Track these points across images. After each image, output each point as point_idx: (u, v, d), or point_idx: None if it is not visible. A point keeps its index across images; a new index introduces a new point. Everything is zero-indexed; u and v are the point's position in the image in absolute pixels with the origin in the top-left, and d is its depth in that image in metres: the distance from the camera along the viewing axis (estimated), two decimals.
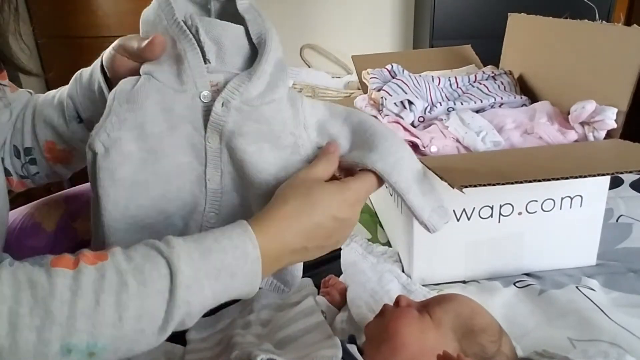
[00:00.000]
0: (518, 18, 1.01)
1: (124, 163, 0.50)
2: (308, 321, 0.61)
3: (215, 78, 0.50)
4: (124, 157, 0.50)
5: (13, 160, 0.64)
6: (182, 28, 0.48)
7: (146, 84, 0.49)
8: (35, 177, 0.66)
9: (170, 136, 0.51)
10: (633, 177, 1.04)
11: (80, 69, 0.62)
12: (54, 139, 0.63)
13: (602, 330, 0.61)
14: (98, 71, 0.57)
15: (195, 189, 0.54)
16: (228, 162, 0.53)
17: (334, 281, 0.72)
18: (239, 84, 0.49)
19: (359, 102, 0.94)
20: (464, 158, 0.71)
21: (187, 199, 0.54)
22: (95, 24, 1.88)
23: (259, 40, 0.50)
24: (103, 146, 0.49)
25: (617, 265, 0.78)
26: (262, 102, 0.50)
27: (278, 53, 0.51)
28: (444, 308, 0.55)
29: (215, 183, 0.54)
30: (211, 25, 0.49)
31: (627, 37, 0.71)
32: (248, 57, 0.51)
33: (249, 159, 0.51)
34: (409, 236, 0.74)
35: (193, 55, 0.48)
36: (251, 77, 0.49)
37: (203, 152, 0.52)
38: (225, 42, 0.49)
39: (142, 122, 0.49)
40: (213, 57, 0.49)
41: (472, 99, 0.88)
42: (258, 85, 0.50)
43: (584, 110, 0.72)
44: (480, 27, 1.99)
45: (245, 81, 0.49)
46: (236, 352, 0.52)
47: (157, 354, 0.59)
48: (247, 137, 0.51)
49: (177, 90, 0.49)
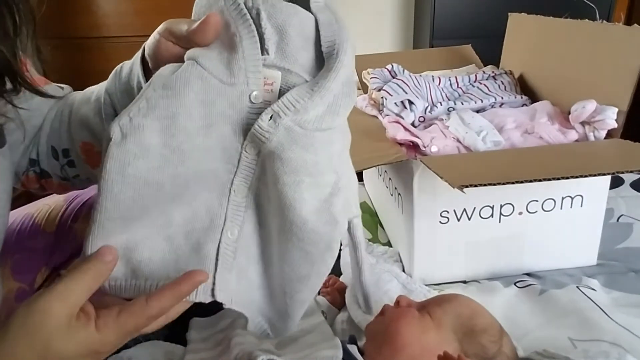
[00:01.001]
0: (518, 18, 1.01)
1: (140, 157, 0.41)
2: (308, 321, 0.61)
3: (271, 75, 0.42)
4: (142, 149, 0.41)
5: (51, 162, 0.60)
6: (241, 9, 0.41)
7: (189, 69, 0.41)
8: (76, 180, 0.62)
9: (205, 135, 0.43)
10: (633, 176, 1.03)
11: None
12: (90, 140, 0.57)
13: (603, 330, 0.61)
14: (138, 63, 0.50)
15: (214, 200, 0.45)
16: (260, 177, 0.46)
17: (335, 281, 0.72)
18: (297, 98, 0.42)
19: (359, 102, 0.94)
20: (464, 158, 0.71)
21: (200, 212, 0.45)
22: (96, 25, 1.88)
23: (330, 50, 0.42)
24: (121, 131, 0.41)
25: (617, 265, 0.78)
26: (318, 127, 0.42)
27: (348, 71, 0.42)
28: (444, 308, 0.55)
29: (241, 196, 0.46)
30: (276, 9, 0.41)
31: (627, 37, 0.71)
32: (314, 58, 0.43)
33: (281, 189, 0.43)
34: (409, 236, 0.74)
35: (250, 43, 0.41)
36: (313, 94, 0.41)
37: (236, 159, 0.45)
38: (290, 32, 0.41)
39: (174, 113, 0.41)
40: (273, 47, 0.41)
41: (473, 98, 0.88)
42: (319, 106, 0.42)
43: (585, 110, 0.72)
44: (480, 27, 1.99)
45: (305, 97, 0.42)
46: (236, 352, 0.52)
47: (158, 353, 0.59)
48: (287, 165, 0.43)
49: (225, 83, 0.42)
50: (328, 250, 0.47)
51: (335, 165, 0.45)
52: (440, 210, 0.71)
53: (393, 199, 0.81)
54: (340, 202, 0.46)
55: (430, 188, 0.69)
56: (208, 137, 0.43)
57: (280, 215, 0.45)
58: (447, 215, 0.71)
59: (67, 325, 0.37)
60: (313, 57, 0.43)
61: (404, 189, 0.74)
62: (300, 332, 0.59)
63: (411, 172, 0.69)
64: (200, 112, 0.42)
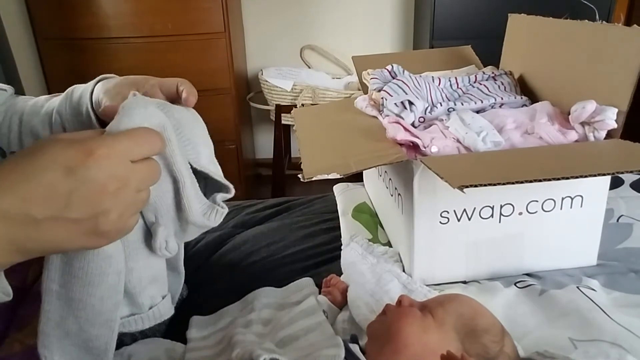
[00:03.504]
0: (518, 18, 1.01)
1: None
2: (309, 320, 0.61)
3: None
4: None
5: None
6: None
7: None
8: None
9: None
10: (633, 177, 1.04)
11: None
12: None
13: (603, 331, 0.61)
14: (87, 97, 0.56)
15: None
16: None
17: (336, 281, 0.72)
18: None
19: (359, 102, 0.94)
20: (464, 158, 0.71)
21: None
22: (96, 26, 1.88)
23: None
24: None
25: (617, 265, 0.78)
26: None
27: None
28: (446, 308, 0.55)
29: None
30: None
31: (627, 37, 0.71)
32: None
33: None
34: (409, 236, 0.74)
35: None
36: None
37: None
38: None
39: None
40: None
41: (473, 99, 0.89)
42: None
43: (585, 110, 0.72)
44: (480, 27, 2.00)
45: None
46: (237, 350, 0.52)
47: (158, 352, 0.60)
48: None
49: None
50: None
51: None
52: (440, 211, 0.71)
53: (393, 199, 0.81)
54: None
55: (430, 188, 0.69)
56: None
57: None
58: (447, 215, 0.72)
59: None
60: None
61: (404, 189, 0.74)
62: (301, 332, 0.59)
63: (411, 173, 0.70)
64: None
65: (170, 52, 1.95)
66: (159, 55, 1.93)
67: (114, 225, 0.38)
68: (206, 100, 2.01)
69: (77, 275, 0.45)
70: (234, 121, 2.12)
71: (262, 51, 2.43)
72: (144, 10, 1.88)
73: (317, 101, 2.06)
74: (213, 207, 0.52)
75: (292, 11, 2.39)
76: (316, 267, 0.83)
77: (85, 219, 0.37)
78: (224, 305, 0.71)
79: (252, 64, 2.44)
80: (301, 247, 0.89)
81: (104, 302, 0.47)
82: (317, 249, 0.89)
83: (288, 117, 2.11)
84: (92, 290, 0.46)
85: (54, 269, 0.45)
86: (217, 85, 2.04)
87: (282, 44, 2.41)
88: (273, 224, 1.00)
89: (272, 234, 0.94)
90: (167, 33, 1.92)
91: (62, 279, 0.45)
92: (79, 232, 0.37)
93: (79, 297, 0.45)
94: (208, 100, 2.01)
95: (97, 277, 0.45)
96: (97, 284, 0.45)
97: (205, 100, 2.28)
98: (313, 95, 2.07)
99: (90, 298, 0.46)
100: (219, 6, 1.92)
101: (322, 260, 0.85)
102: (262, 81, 2.14)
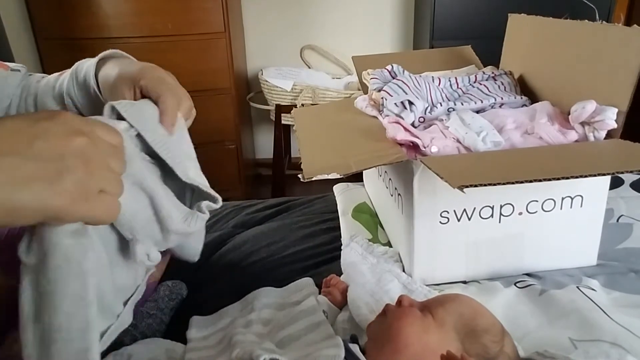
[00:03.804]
0: (518, 18, 1.01)
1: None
2: (309, 320, 0.61)
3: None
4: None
5: None
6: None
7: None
8: None
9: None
10: (633, 177, 1.04)
11: None
12: None
13: (603, 331, 0.61)
14: (92, 80, 0.59)
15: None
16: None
17: (336, 281, 0.72)
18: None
19: (359, 102, 0.94)
20: (464, 158, 0.71)
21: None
22: (96, 26, 1.88)
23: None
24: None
25: (617, 265, 0.78)
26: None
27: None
28: (446, 308, 0.55)
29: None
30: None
31: (627, 37, 0.71)
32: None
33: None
34: (409, 236, 0.74)
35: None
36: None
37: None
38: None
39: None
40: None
41: (473, 99, 0.89)
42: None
43: (584, 110, 0.72)
44: (480, 27, 2.00)
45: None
46: (237, 350, 0.52)
47: (158, 352, 0.60)
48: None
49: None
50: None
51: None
52: (440, 211, 0.71)
53: (393, 199, 0.81)
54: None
55: (430, 188, 0.69)
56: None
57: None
58: (447, 215, 0.72)
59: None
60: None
61: (404, 189, 0.74)
62: (301, 332, 0.59)
63: (411, 173, 0.70)
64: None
65: (170, 52, 1.95)
66: (159, 55, 1.93)
67: (76, 187, 0.36)
68: (206, 100, 2.02)
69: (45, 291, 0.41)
70: (234, 121, 2.12)
71: (262, 51, 2.43)
72: (144, 10, 1.88)
73: (317, 101, 2.06)
74: (193, 213, 0.53)
75: (292, 11, 2.39)
76: (316, 267, 0.83)
77: (47, 163, 0.35)
78: (224, 305, 0.71)
79: (252, 64, 2.44)
80: (301, 247, 0.89)
81: (71, 321, 0.40)
82: (317, 249, 0.89)
83: (288, 117, 2.11)
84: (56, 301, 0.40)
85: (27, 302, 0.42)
86: (217, 85, 2.04)
87: (282, 44, 2.42)
88: (273, 224, 1.00)
89: (272, 234, 0.94)
90: (167, 33, 1.92)
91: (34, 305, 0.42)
92: (37, 176, 0.35)
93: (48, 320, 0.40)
94: (208, 100, 2.00)
95: (59, 283, 0.40)
96: (59, 292, 0.40)
97: (205, 100, 2.28)
98: (313, 95, 2.07)
99: (55, 315, 0.40)
100: (219, 6, 1.92)
101: (322, 260, 0.85)
102: (262, 81, 2.14)
